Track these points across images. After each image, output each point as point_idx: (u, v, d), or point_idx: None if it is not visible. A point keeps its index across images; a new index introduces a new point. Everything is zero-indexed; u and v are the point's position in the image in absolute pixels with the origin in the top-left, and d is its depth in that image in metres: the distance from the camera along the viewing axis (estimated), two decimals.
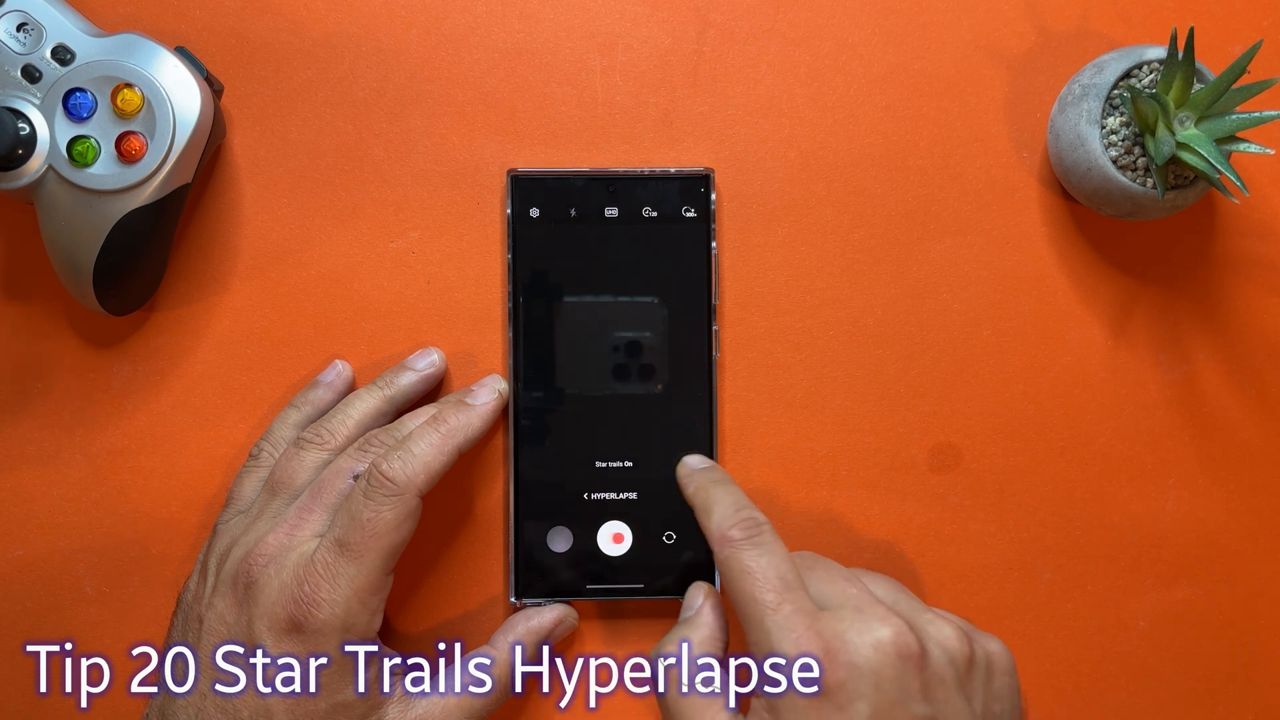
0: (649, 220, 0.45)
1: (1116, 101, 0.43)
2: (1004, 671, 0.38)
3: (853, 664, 0.35)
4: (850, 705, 0.34)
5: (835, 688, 0.34)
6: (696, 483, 0.41)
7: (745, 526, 0.38)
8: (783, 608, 0.36)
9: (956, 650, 0.37)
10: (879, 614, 0.36)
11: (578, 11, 0.46)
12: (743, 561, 0.37)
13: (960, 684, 0.36)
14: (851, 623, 0.36)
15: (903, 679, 0.35)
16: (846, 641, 0.35)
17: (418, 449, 0.39)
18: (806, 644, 0.35)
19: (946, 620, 0.38)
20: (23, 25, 0.41)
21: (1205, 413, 0.47)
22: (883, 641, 0.35)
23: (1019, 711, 0.39)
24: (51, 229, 0.42)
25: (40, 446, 0.46)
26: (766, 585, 0.36)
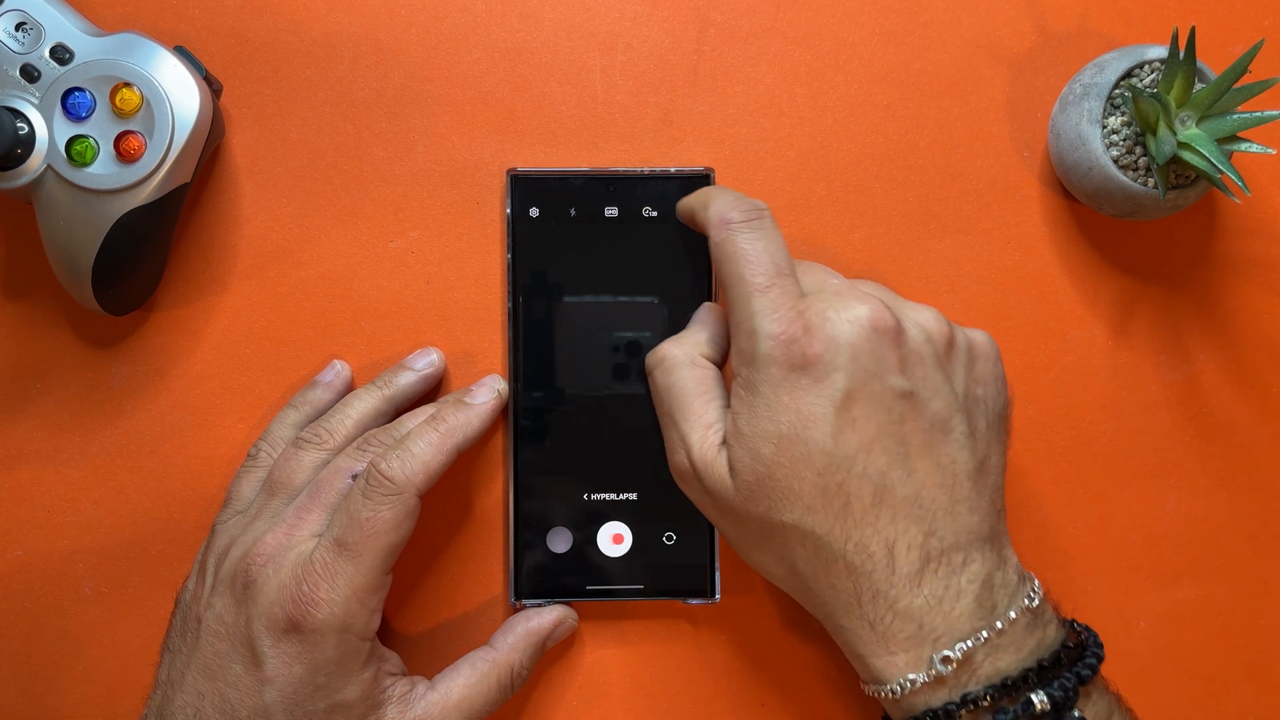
0: (649, 220, 0.45)
1: (1118, 101, 0.43)
2: (987, 358, 0.39)
3: (830, 337, 0.36)
4: (827, 377, 0.35)
5: (813, 360, 0.36)
6: (696, 192, 0.42)
7: (745, 211, 0.39)
8: (770, 290, 0.37)
9: (935, 330, 0.37)
10: (859, 295, 0.37)
11: (577, 11, 0.46)
12: (737, 243, 0.38)
13: (939, 362, 0.37)
14: (831, 302, 0.37)
15: (879, 352, 0.36)
16: (826, 318, 0.36)
17: (416, 448, 0.39)
18: (789, 321, 0.36)
19: (927, 307, 0.38)
20: (21, 24, 0.41)
21: (1206, 413, 0.47)
22: (860, 317, 0.36)
23: (1004, 399, 0.39)
24: (50, 229, 0.42)
25: (39, 446, 0.45)
26: (758, 268, 0.37)
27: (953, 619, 0.35)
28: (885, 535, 0.35)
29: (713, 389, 0.39)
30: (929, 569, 0.35)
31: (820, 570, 0.36)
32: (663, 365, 0.40)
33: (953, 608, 0.35)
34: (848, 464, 0.35)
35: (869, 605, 0.36)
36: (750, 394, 0.36)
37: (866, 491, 0.35)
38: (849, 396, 0.36)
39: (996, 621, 0.35)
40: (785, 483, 0.36)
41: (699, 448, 0.38)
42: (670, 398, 0.39)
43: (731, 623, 0.46)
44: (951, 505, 0.36)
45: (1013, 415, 0.40)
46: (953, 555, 0.36)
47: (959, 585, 0.36)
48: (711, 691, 0.45)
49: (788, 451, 0.36)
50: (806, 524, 0.36)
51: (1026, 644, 0.36)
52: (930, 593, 0.35)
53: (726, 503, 0.37)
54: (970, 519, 0.36)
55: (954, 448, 0.37)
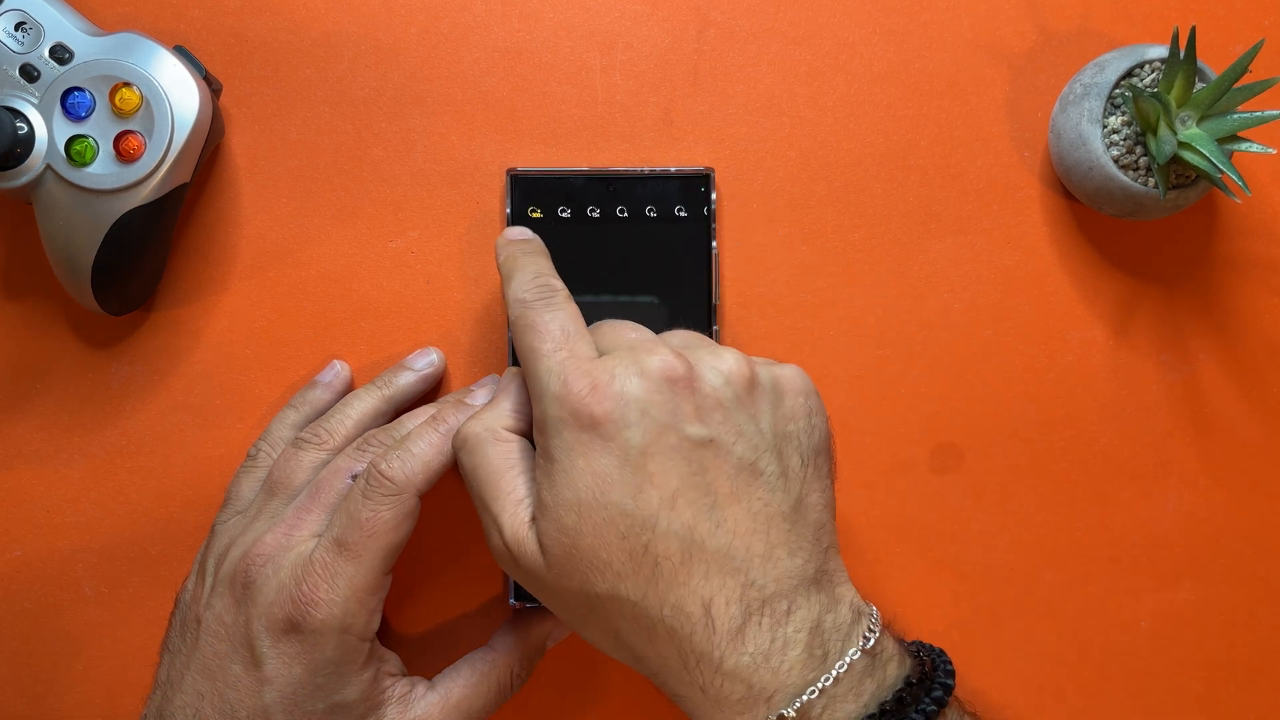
0: (649, 220, 0.45)
1: (1118, 101, 0.43)
2: (797, 392, 0.37)
3: (619, 393, 0.34)
4: (619, 434, 0.34)
5: (602, 418, 0.34)
6: (507, 252, 0.41)
7: (540, 291, 0.38)
8: (558, 353, 0.36)
9: (734, 372, 0.36)
10: (650, 349, 0.36)
11: (577, 10, 0.46)
12: (529, 317, 0.37)
13: (741, 404, 0.35)
14: (621, 359, 0.36)
15: (672, 403, 0.35)
16: (614, 375, 0.35)
17: (417, 449, 0.39)
18: (574, 382, 0.35)
19: (728, 350, 0.37)
20: (21, 24, 0.41)
21: (1207, 413, 0.47)
22: (648, 369, 0.35)
23: (820, 433, 0.37)
24: (50, 228, 0.42)
25: (38, 447, 0.45)
26: (547, 336, 0.36)
27: (782, 674, 0.33)
28: (700, 593, 0.33)
29: (519, 463, 0.37)
30: (751, 623, 0.33)
31: (643, 638, 0.34)
32: (465, 445, 0.37)
33: (781, 662, 0.33)
34: (651, 523, 0.34)
35: (695, 670, 0.34)
36: (548, 462, 0.35)
37: (675, 550, 0.34)
38: (643, 452, 0.34)
39: (830, 670, 0.33)
40: (592, 551, 0.34)
41: (510, 526, 0.36)
42: (476, 478, 0.37)
43: None
44: (768, 551, 0.34)
45: (835, 446, 0.38)
46: (775, 604, 0.34)
47: (785, 635, 0.33)
48: None
49: (589, 518, 0.34)
50: (621, 592, 0.34)
51: (866, 688, 0.34)
52: (756, 649, 0.33)
53: (543, 580, 0.35)
54: (791, 563, 0.34)
55: (765, 490, 0.35)
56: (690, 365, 0.35)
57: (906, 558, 0.46)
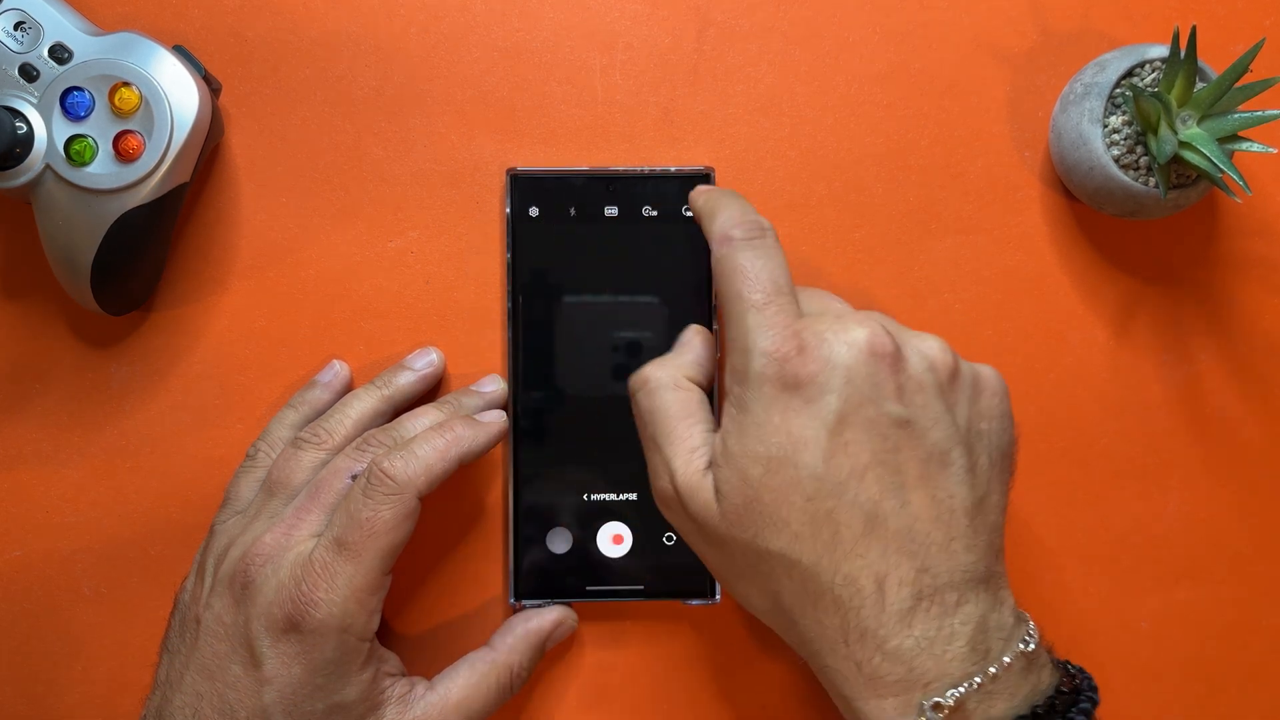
0: (649, 220, 0.45)
1: (1118, 100, 0.43)
2: (994, 393, 0.37)
3: (826, 359, 0.35)
4: (820, 398, 0.34)
5: (806, 380, 0.34)
6: (706, 194, 0.40)
7: (747, 228, 0.38)
8: (768, 308, 0.36)
9: (938, 359, 0.36)
10: (858, 319, 0.36)
11: (577, 10, 0.46)
12: (737, 259, 0.37)
13: (940, 392, 0.36)
14: (830, 324, 0.36)
15: (875, 377, 0.35)
16: (823, 339, 0.35)
17: (420, 450, 0.39)
18: (783, 340, 0.35)
19: (933, 336, 0.37)
20: (20, 24, 0.41)
21: (1208, 413, 0.47)
22: (857, 339, 0.35)
23: (1009, 437, 0.37)
24: (49, 228, 0.42)
25: (38, 447, 0.45)
26: (756, 285, 0.36)
27: (945, 663, 0.33)
28: (876, 569, 0.34)
29: (697, 412, 0.38)
30: (921, 608, 0.34)
31: (807, 604, 0.35)
32: (645, 388, 0.38)
33: (945, 650, 0.33)
34: (838, 490, 0.34)
35: (856, 644, 0.34)
36: (741, 413, 0.35)
37: (857, 521, 0.34)
38: (842, 420, 0.34)
39: (990, 666, 0.33)
40: (773, 507, 0.34)
41: (683, 471, 0.36)
42: (654, 421, 0.38)
43: (731, 623, 0.45)
44: (947, 542, 0.34)
45: (1018, 455, 0.38)
46: (946, 594, 0.34)
47: (952, 627, 0.34)
48: (711, 692, 0.45)
49: (777, 475, 0.34)
50: (794, 553, 0.34)
51: (1020, 690, 0.34)
52: (922, 634, 0.33)
53: (712, 529, 0.36)
54: (966, 558, 0.35)
55: (952, 482, 0.35)
56: (898, 344, 0.35)
57: None
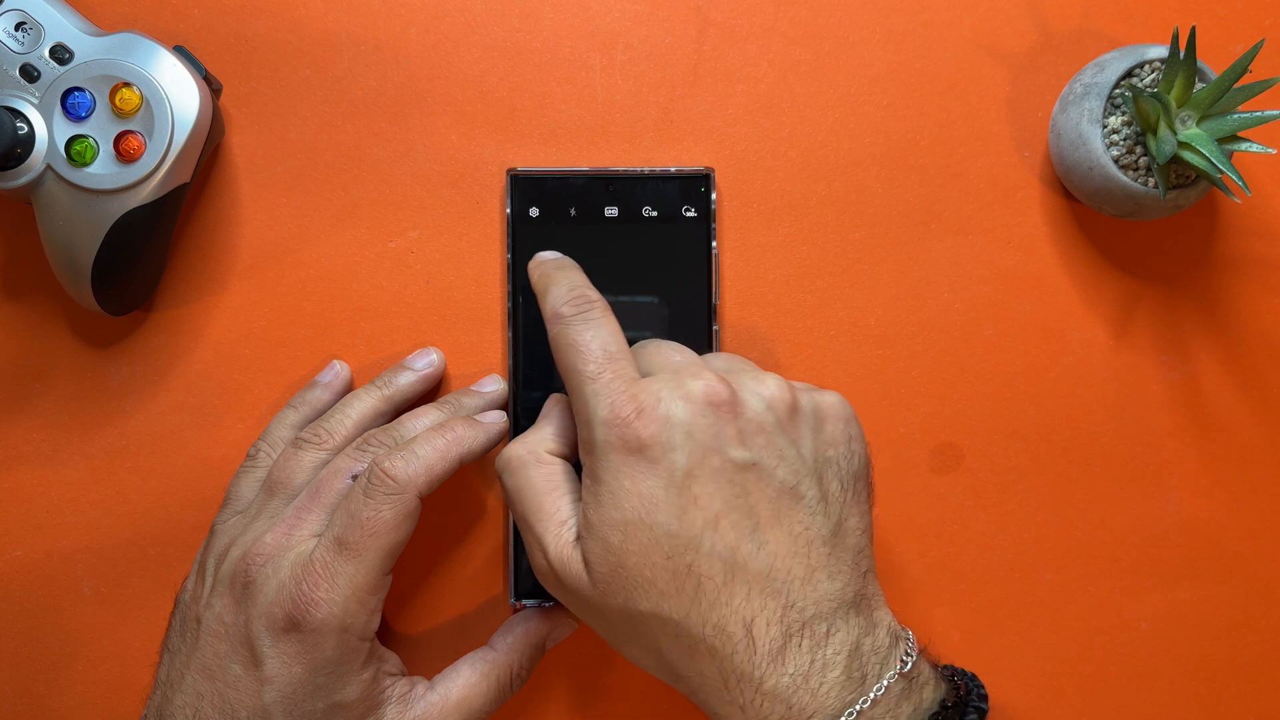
0: (649, 220, 0.45)
1: (1118, 100, 0.43)
2: (837, 419, 0.38)
3: (664, 417, 0.35)
4: (665, 457, 0.35)
5: (648, 441, 0.35)
6: (540, 269, 0.41)
7: (576, 304, 0.39)
8: (602, 376, 0.36)
9: (776, 397, 0.37)
10: (694, 372, 0.37)
11: (577, 10, 0.46)
12: (569, 335, 0.38)
13: (782, 429, 0.36)
14: (665, 382, 0.36)
15: (715, 426, 0.35)
16: (659, 398, 0.36)
17: (421, 451, 0.39)
18: (620, 406, 0.36)
19: (771, 375, 0.38)
20: (21, 24, 0.41)
21: (1207, 413, 0.47)
22: (693, 393, 0.36)
23: (860, 459, 0.38)
24: (50, 228, 0.42)
25: (38, 447, 0.45)
26: (589, 357, 0.37)
27: (821, 695, 0.34)
28: (742, 614, 0.34)
29: (562, 484, 0.38)
30: (791, 644, 0.34)
31: (685, 657, 0.35)
32: (508, 467, 0.38)
33: (820, 683, 0.34)
34: (695, 543, 0.34)
35: (735, 689, 0.34)
36: (595, 483, 0.36)
37: (718, 570, 0.34)
38: (688, 474, 0.35)
39: (869, 692, 0.34)
40: (637, 570, 0.35)
41: (554, 546, 0.37)
42: (521, 500, 0.38)
43: None
44: (809, 574, 0.35)
45: (874, 473, 0.39)
46: (815, 626, 0.34)
47: (824, 657, 0.34)
48: None
49: (635, 538, 0.35)
50: (664, 611, 0.35)
51: (902, 711, 0.34)
52: (795, 669, 0.34)
53: (586, 598, 0.36)
54: (830, 586, 0.35)
55: (805, 514, 0.36)
56: (733, 389, 0.36)
57: (906, 558, 0.46)
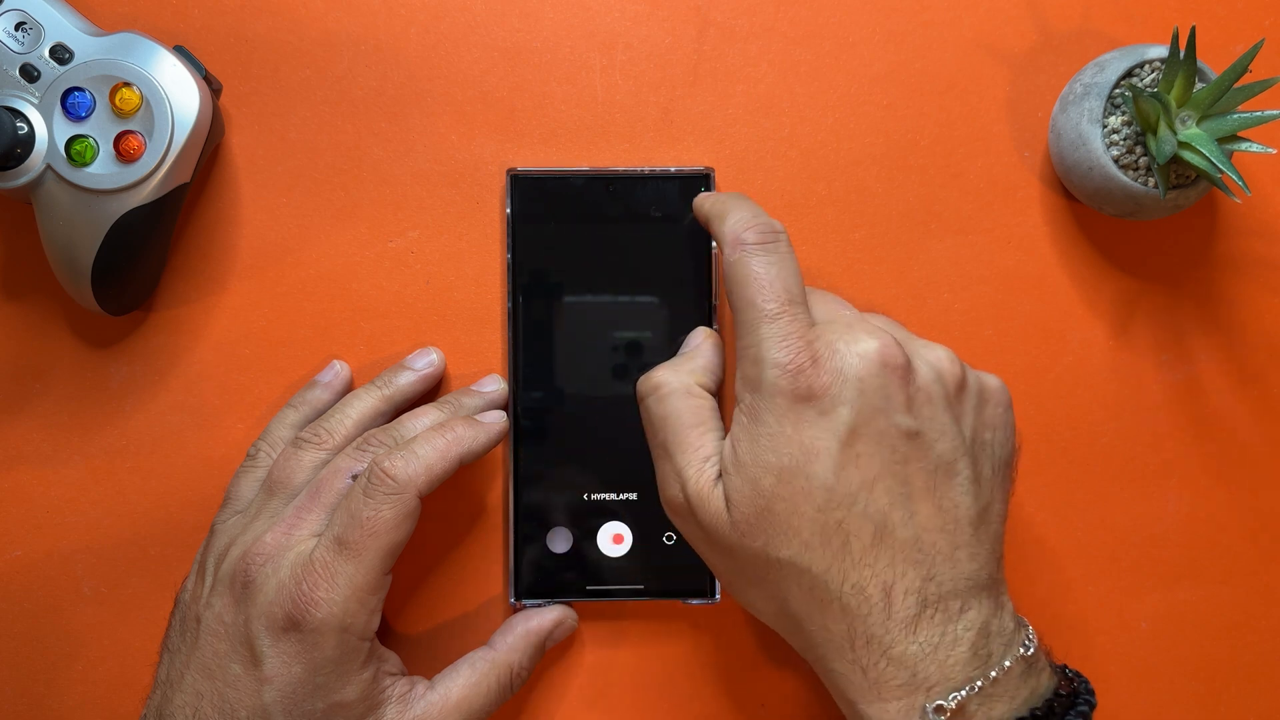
0: (649, 220, 0.45)
1: (1118, 100, 0.43)
2: (998, 403, 0.38)
3: (838, 370, 0.35)
4: (833, 410, 0.35)
5: (819, 392, 0.35)
6: (714, 198, 0.40)
7: (760, 231, 0.38)
8: (780, 318, 0.36)
9: (947, 371, 0.37)
10: (869, 329, 0.36)
11: (577, 10, 0.46)
12: (751, 266, 0.37)
13: (948, 403, 0.36)
14: (841, 334, 0.36)
15: (887, 389, 0.35)
16: (835, 350, 0.35)
17: (421, 450, 0.39)
18: (799, 354, 0.35)
19: (941, 346, 0.37)
20: (21, 24, 0.41)
21: (1207, 413, 0.47)
22: (869, 351, 0.35)
23: (1011, 447, 0.38)
24: (50, 228, 0.42)
25: (38, 447, 0.45)
26: (770, 294, 0.36)
27: (947, 667, 0.34)
28: (883, 577, 0.34)
29: (709, 420, 0.38)
30: (925, 615, 0.34)
31: (814, 610, 0.35)
32: (657, 393, 0.38)
33: (948, 656, 0.34)
34: (849, 501, 0.35)
35: (862, 650, 0.35)
36: (753, 422, 0.35)
37: (867, 531, 0.35)
38: (853, 432, 0.35)
39: (991, 670, 0.34)
40: (784, 517, 0.35)
41: (695, 481, 0.36)
42: (665, 428, 0.38)
43: (731, 623, 0.46)
44: (952, 551, 0.35)
45: (1018, 463, 0.39)
46: (950, 602, 0.35)
47: (955, 633, 0.34)
48: (711, 691, 0.45)
49: (788, 484, 0.35)
50: (803, 561, 0.35)
51: (1020, 693, 0.35)
52: (926, 640, 0.34)
53: (722, 537, 0.36)
54: (970, 566, 0.35)
55: (958, 492, 0.36)
56: (908, 356, 0.36)
57: None
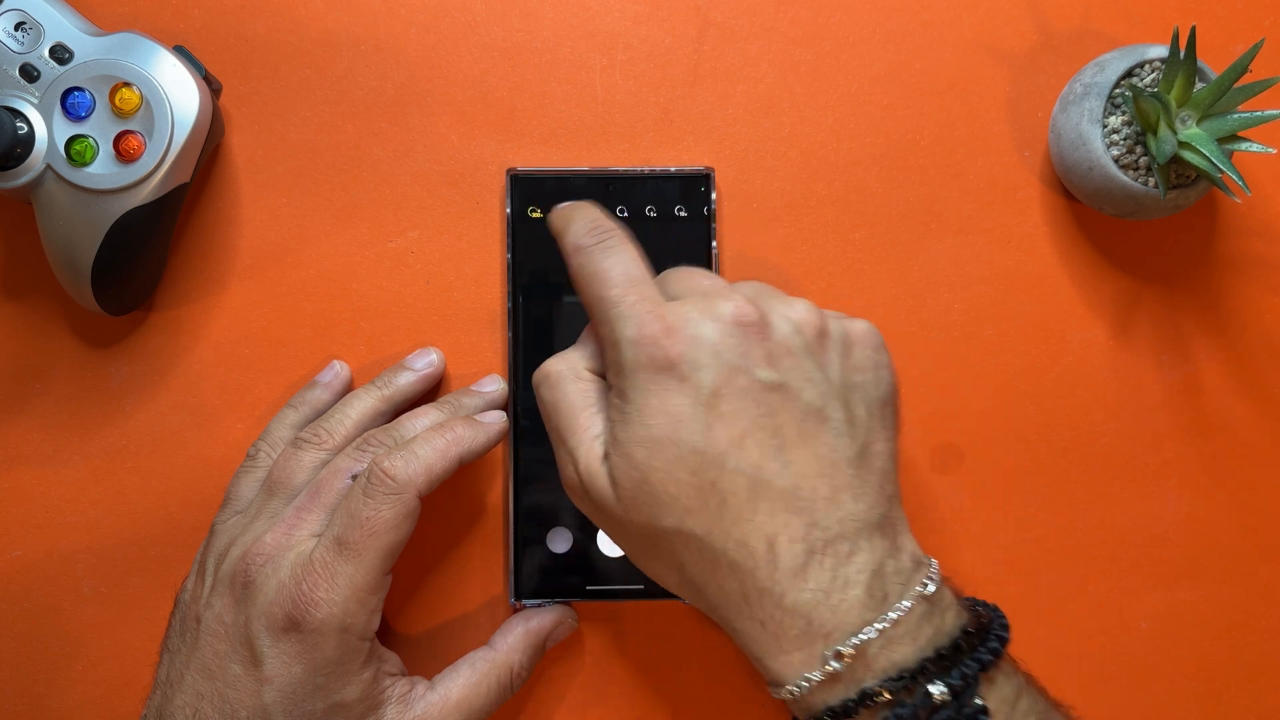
0: (649, 220, 0.45)
1: (1118, 100, 0.43)
2: (866, 345, 0.38)
3: (692, 336, 0.35)
4: (693, 375, 0.35)
5: (675, 359, 0.35)
6: (559, 212, 0.41)
7: (595, 234, 0.39)
8: (626, 298, 0.37)
9: (804, 320, 0.37)
10: (723, 294, 0.37)
11: (577, 10, 0.46)
12: (590, 264, 0.38)
13: (810, 352, 0.37)
14: (695, 303, 0.37)
15: (743, 346, 0.36)
16: (687, 319, 0.36)
17: (421, 450, 0.39)
18: (649, 326, 0.36)
19: (800, 300, 0.38)
20: (21, 24, 0.41)
21: (1207, 413, 0.47)
22: (721, 314, 0.36)
23: (886, 385, 0.38)
24: (50, 228, 0.42)
25: (38, 447, 0.45)
26: (612, 283, 0.37)
27: (842, 612, 0.34)
28: (765, 530, 0.34)
29: (597, 402, 0.38)
30: (813, 561, 0.34)
31: (707, 573, 0.35)
32: (547, 381, 0.39)
33: (841, 600, 0.34)
34: (720, 460, 0.35)
35: (756, 604, 0.35)
36: (623, 401, 0.36)
37: (742, 486, 0.35)
38: (715, 393, 0.35)
39: (889, 612, 0.34)
40: (661, 486, 0.35)
41: (584, 460, 0.37)
42: (556, 413, 0.38)
43: None
44: (833, 494, 0.35)
45: (900, 401, 0.39)
46: (838, 545, 0.35)
47: (846, 576, 0.34)
48: (711, 691, 0.45)
49: (660, 454, 0.35)
50: (687, 526, 0.35)
51: (923, 633, 0.34)
52: (816, 586, 0.34)
53: (612, 514, 0.37)
54: (855, 506, 0.35)
55: (831, 436, 0.36)
56: (763, 312, 0.36)
57: None
